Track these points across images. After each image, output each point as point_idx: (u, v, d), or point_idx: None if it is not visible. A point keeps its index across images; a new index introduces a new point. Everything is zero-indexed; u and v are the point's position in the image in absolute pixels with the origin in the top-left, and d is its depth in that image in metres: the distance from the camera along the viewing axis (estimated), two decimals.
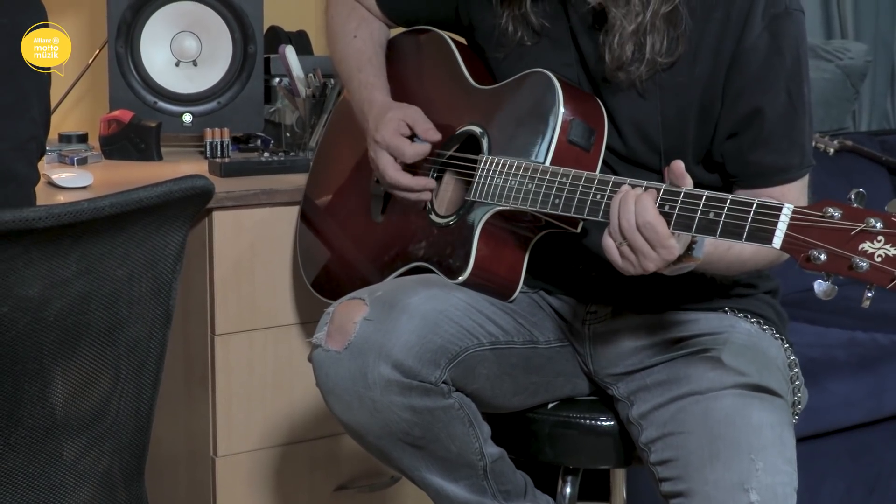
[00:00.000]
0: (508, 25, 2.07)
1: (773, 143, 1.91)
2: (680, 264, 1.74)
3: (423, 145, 2.11)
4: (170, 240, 1.79)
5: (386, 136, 2.10)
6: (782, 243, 1.58)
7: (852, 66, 4.26)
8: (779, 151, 1.92)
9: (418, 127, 2.12)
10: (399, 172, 2.11)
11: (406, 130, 2.12)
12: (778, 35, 1.90)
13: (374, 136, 2.12)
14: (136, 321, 1.80)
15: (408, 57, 2.31)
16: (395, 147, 2.10)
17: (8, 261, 1.62)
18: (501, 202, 1.97)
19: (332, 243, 2.38)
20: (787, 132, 1.92)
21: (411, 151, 2.10)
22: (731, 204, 1.64)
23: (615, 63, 1.93)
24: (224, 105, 2.91)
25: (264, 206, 2.51)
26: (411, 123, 2.12)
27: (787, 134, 1.92)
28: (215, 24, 2.89)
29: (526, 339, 2.07)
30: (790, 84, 1.91)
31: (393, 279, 2.13)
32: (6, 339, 1.66)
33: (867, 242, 1.51)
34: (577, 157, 1.94)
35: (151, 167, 2.74)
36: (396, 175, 2.11)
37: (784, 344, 2.06)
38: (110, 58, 2.85)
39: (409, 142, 2.11)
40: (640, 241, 1.71)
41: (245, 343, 2.53)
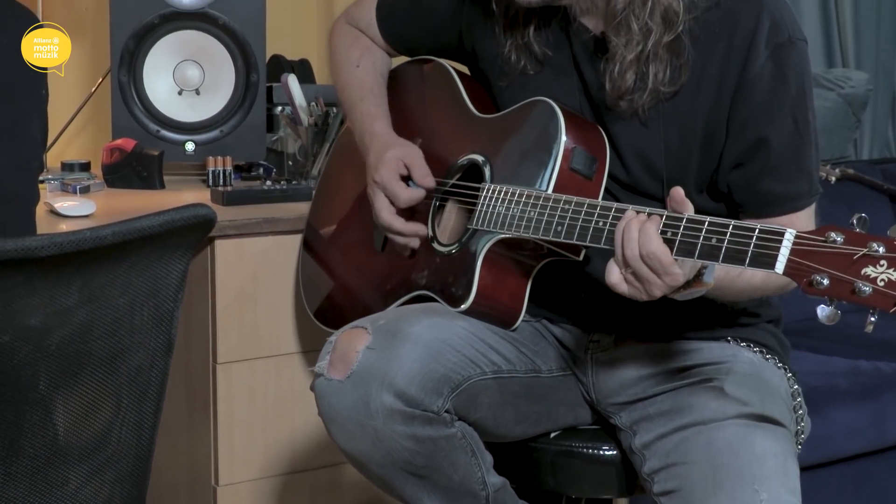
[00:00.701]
0: (511, 54, 2.07)
1: (782, 172, 1.91)
2: (691, 289, 1.74)
3: (418, 191, 2.11)
4: (172, 268, 1.79)
5: (384, 178, 2.11)
6: (785, 268, 1.58)
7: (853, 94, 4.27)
8: (788, 180, 1.92)
9: (415, 172, 2.12)
10: (393, 216, 2.12)
11: (404, 171, 2.12)
12: (782, 64, 1.90)
13: (373, 175, 2.13)
14: (137, 350, 1.80)
15: (410, 86, 2.32)
16: (391, 191, 2.11)
17: (10, 289, 1.62)
18: (504, 230, 1.97)
19: (334, 272, 2.38)
20: (795, 160, 1.92)
21: (405, 196, 2.11)
22: (734, 229, 1.64)
23: (616, 92, 1.94)
24: (226, 134, 2.92)
25: (266, 234, 2.51)
26: (409, 166, 2.12)
27: (794, 162, 1.92)
28: (218, 53, 2.90)
29: (528, 368, 2.06)
30: (796, 112, 1.91)
31: (395, 308, 2.13)
32: (8, 367, 1.66)
33: (870, 267, 1.51)
34: (579, 186, 1.94)
35: (154, 195, 2.74)
36: (390, 218, 2.12)
37: (787, 373, 2.06)
38: (113, 86, 2.86)
39: (404, 186, 2.12)
40: (644, 269, 1.71)
41: (247, 372, 2.53)
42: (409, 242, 2.13)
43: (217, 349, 2.49)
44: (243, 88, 2.91)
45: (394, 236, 2.14)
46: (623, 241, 1.72)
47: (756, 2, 1.92)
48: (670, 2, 1.88)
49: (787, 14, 1.93)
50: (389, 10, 2.31)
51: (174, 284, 1.80)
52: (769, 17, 1.90)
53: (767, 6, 1.91)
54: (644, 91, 1.92)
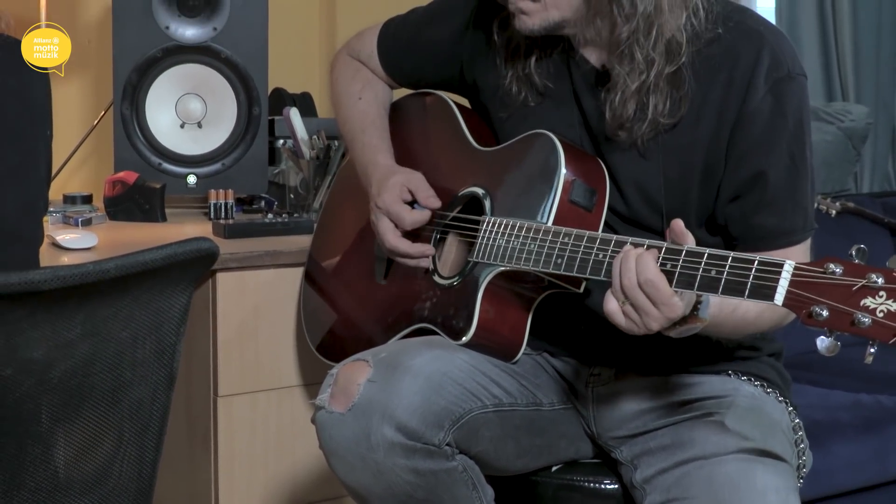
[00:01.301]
0: (512, 86, 2.08)
1: (777, 206, 1.92)
2: (686, 325, 1.74)
3: (423, 213, 2.12)
4: (174, 302, 1.80)
5: (387, 202, 2.12)
6: (784, 299, 1.58)
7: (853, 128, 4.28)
8: (782, 214, 1.92)
9: (419, 194, 2.13)
10: (398, 239, 2.12)
11: (407, 196, 2.13)
12: (781, 99, 1.91)
13: (376, 201, 2.14)
14: (139, 383, 1.80)
15: (411, 119, 2.33)
16: (395, 213, 2.11)
17: (13, 323, 1.62)
18: (504, 263, 1.97)
19: (336, 304, 2.38)
20: (791, 195, 1.93)
21: (410, 219, 2.11)
22: (733, 261, 1.64)
23: (616, 121, 1.94)
24: (228, 166, 2.93)
25: (268, 267, 2.51)
26: (413, 189, 2.13)
27: (790, 197, 1.93)
28: (220, 86, 2.92)
29: (529, 402, 2.06)
30: (793, 147, 1.92)
31: (396, 340, 2.13)
32: (10, 400, 1.66)
33: (869, 298, 1.52)
34: (579, 218, 1.95)
35: (156, 228, 2.74)
36: (395, 241, 2.12)
37: (788, 407, 2.06)
38: (115, 119, 2.87)
39: (408, 208, 2.12)
40: (642, 299, 1.71)
41: (248, 405, 2.53)
42: (418, 264, 2.13)
43: (218, 382, 2.49)
44: (245, 121, 2.92)
45: (401, 259, 2.14)
46: (621, 270, 1.73)
47: (757, 36, 1.93)
48: (673, 33, 1.89)
49: (787, 49, 1.94)
50: (391, 42, 2.32)
51: (176, 318, 1.80)
52: (769, 52, 1.91)
53: (768, 41, 1.92)
54: (643, 122, 1.93)
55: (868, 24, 4.55)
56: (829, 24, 4.50)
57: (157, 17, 2.85)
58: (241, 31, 2.90)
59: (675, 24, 1.89)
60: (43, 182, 1.98)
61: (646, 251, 1.72)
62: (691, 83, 1.92)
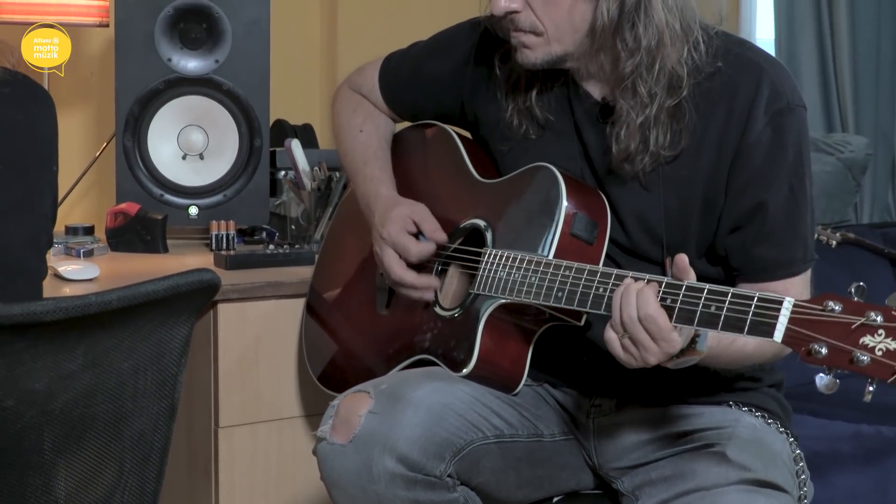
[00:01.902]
0: (513, 119, 2.09)
1: (776, 237, 1.92)
2: (683, 358, 1.74)
3: (429, 245, 2.12)
4: (176, 333, 1.80)
5: (392, 233, 2.12)
6: (783, 337, 1.58)
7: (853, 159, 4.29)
8: (782, 245, 1.93)
9: (425, 226, 2.13)
10: (404, 270, 2.12)
11: (412, 228, 2.13)
12: (780, 130, 1.92)
13: (381, 233, 2.14)
14: (141, 414, 1.80)
15: (413, 151, 2.33)
16: (401, 245, 2.11)
17: (15, 354, 1.62)
18: (505, 295, 1.97)
19: (337, 336, 2.39)
20: (790, 226, 1.93)
21: (416, 250, 2.11)
22: (733, 297, 1.64)
23: (622, 155, 1.95)
24: (230, 198, 2.94)
25: (269, 298, 2.52)
26: (418, 221, 2.13)
27: (789, 227, 1.93)
28: (222, 118, 2.93)
29: (530, 433, 2.06)
30: (792, 179, 1.92)
31: (397, 372, 2.14)
32: (11, 431, 1.66)
33: (868, 336, 1.52)
34: (580, 251, 1.95)
35: (157, 259, 2.75)
36: (401, 273, 2.12)
37: (789, 438, 2.06)
38: (118, 151, 2.88)
39: (414, 240, 2.12)
40: (641, 333, 1.71)
41: (249, 436, 2.53)
42: (423, 296, 2.13)
43: (219, 413, 2.49)
44: (247, 153, 2.93)
45: (406, 291, 2.14)
46: (621, 304, 1.73)
47: (756, 68, 1.94)
48: (674, 67, 1.90)
49: (786, 81, 1.95)
50: (392, 76, 2.33)
51: (178, 349, 1.81)
52: (769, 84, 1.92)
53: (767, 73, 1.93)
54: (645, 154, 1.93)
55: (867, 55, 4.56)
56: (829, 56, 4.52)
57: (159, 50, 2.86)
58: (243, 64, 2.91)
59: (676, 58, 1.90)
60: (47, 216, 1.98)
61: (646, 286, 1.72)
62: (692, 115, 1.93)
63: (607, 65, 1.95)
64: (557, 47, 1.95)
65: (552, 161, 2.02)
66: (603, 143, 1.99)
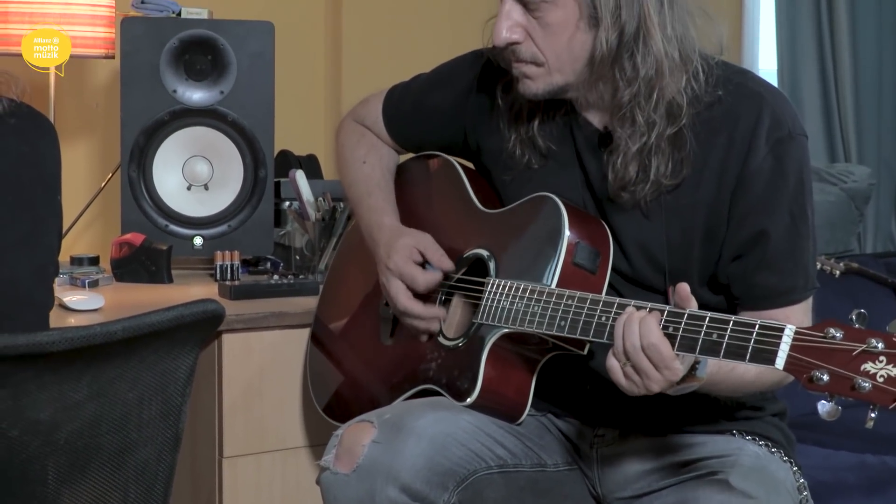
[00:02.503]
0: (515, 149, 2.10)
1: (778, 266, 1.93)
2: (683, 384, 1.75)
3: (435, 274, 2.13)
4: (180, 363, 1.80)
5: (399, 264, 2.12)
6: (785, 364, 1.59)
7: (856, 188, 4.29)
8: (783, 273, 1.93)
9: (430, 255, 2.13)
10: (411, 300, 2.12)
11: (418, 258, 2.13)
12: (781, 158, 1.93)
13: (387, 263, 2.14)
14: (145, 444, 1.80)
15: (416, 181, 2.34)
16: (408, 275, 2.12)
17: (20, 384, 1.63)
18: (508, 324, 1.98)
19: (341, 366, 2.39)
20: (791, 254, 1.94)
21: (423, 280, 2.12)
22: (734, 325, 1.65)
23: (618, 183, 1.96)
24: (234, 228, 2.94)
25: (274, 328, 2.52)
26: (423, 251, 2.14)
27: (790, 256, 1.94)
28: (227, 149, 2.94)
29: (534, 462, 2.06)
30: (793, 207, 1.93)
31: (401, 402, 2.14)
32: (16, 461, 1.67)
33: (869, 363, 1.52)
34: (583, 280, 1.96)
35: (162, 290, 2.76)
36: (408, 303, 2.12)
37: (793, 467, 2.06)
38: (123, 182, 2.89)
39: (421, 270, 2.13)
40: (644, 362, 1.72)
41: (253, 466, 2.53)
42: (429, 326, 2.14)
43: (223, 443, 2.49)
44: (251, 184, 2.94)
45: (412, 321, 2.14)
46: (624, 332, 1.74)
47: (757, 97, 1.95)
48: (674, 95, 1.91)
49: (787, 109, 1.96)
50: (395, 108, 2.34)
51: (182, 379, 1.81)
52: (770, 113, 1.93)
53: (768, 102, 1.94)
54: (646, 183, 1.94)
55: (869, 85, 4.57)
56: (831, 86, 4.53)
57: (164, 81, 2.87)
58: (248, 95, 2.92)
59: (675, 87, 1.92)
60: (53, 247, 1.99)
61: (649, 314, 1.73)
62: (693, 144, 1.94)
63: (606, 94, 1.97)
64: (558, 77, 1.96)
65: (554, 190, 2.03)
66: (603, 171, 2.00)
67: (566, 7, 1.92)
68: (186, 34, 2.88)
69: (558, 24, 1.93)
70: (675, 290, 1.74)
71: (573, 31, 1.92)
